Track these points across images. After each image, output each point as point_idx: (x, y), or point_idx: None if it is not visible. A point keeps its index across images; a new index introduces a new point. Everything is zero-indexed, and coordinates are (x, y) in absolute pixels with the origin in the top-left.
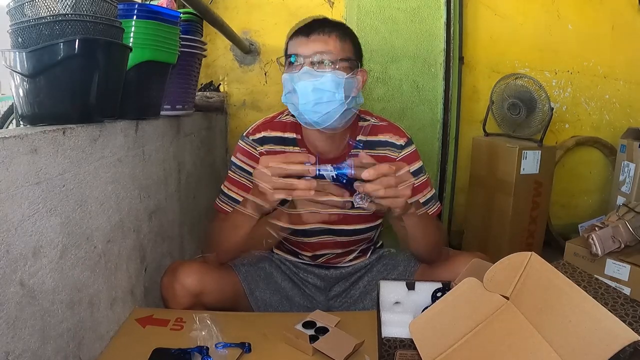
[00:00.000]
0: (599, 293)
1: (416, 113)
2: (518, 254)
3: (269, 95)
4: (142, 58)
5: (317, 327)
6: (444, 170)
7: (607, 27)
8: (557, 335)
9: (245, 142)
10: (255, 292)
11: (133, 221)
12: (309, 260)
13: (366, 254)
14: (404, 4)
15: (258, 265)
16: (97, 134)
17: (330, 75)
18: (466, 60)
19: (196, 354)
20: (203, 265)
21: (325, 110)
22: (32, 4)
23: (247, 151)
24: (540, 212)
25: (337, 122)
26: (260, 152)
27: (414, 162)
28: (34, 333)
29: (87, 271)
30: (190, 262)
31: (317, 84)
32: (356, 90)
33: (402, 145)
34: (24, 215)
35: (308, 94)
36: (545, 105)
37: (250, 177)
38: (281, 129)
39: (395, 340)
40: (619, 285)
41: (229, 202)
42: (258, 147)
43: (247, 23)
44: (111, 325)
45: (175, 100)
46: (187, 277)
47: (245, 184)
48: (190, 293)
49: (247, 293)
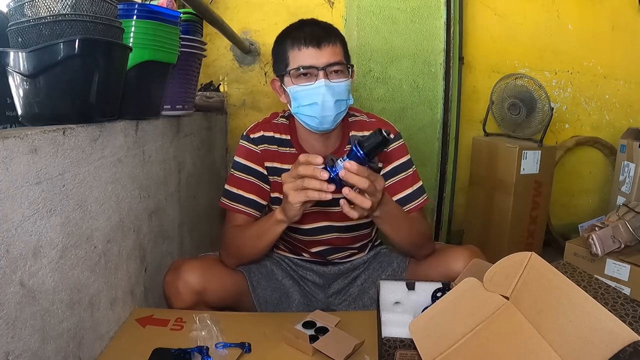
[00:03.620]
0: (599, 293)
1: (416, 113)
2: (518, 254)
3: (269, 95)
4: (142, 58)
5: (317, 327)
6: (444, 170)
7: (607, 27)
8: (557, 335)
9: (246, 141)
10: (258, 290)
11: (133, 221)
12: (308, 257)
13: (364, 251)
14: (404, 4)
15: (260, 263)
16: (97, 134)
17: (345, 84)
18: (466, 60)
19: (196, 354)
20: (206, 263)
21: (341, 117)
22: (32, 4)
23: (248, 149)
24: (540, 212)
25: (339, 122)
26: (261, 150)
27: (402, 156)
28: (34, 333)
29: (87, 271)
30: (193, 260)
31: (336, 94)
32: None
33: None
34: (24, 215)
35: (331, 107)
36: (545, 105)
37: (253, 175)
38: (276, 130)
39: (395, 340)
40: (619, 285)
41: (237, 201)
42: (258, 145)
43: (247, 23)
44: (111, 325)
45: (175, 100)
46: (190, 274)
47: (250, 182)
48: (193, 291)
49: (251, 290)
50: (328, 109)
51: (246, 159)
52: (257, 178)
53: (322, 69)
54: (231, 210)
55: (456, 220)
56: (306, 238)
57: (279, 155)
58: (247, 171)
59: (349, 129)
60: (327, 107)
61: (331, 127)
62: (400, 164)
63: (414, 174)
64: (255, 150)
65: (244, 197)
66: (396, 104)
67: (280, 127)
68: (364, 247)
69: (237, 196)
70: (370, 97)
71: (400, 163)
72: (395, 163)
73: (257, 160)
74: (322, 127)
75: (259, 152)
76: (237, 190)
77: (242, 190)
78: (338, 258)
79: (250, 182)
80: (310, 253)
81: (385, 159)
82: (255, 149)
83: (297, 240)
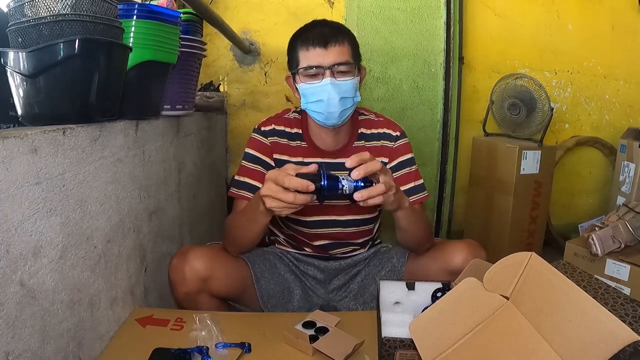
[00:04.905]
0: (599, 293)
1: (416, 113)
2: (518, 254)
3: (269, 95)
4: (142, 58)
5: (317, 327)
6: (444, 170)
7: (607, 27)
8: (557, 335)
9: (258, 134)
10: (261, 281)
11: (133, 221)
12: (310, 252)
13: (365, 247)
14: (404, 4)
15: (264, 256)
16: (97, 134)
17: (350, 82)
18: (466, 60)
19: (196, 354)
20: (213, 251)
21: (347, 113)
22: (32, 4)
23: (259, 141)
24: (540, 212)
25: (347, 119)
26: (271, 142)
27: (407, 153)
28: (34, 333)
29: (87, 271)
30: (201, 246)
31: (342, 92)
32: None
33: (397, 137)
34: (24, 215)
35: (336, 104)
36: (545, 105)
37: (261, 165)
38: (287, 124)
39: (395, 340)
40: (619, 285)
41: (244, 188)
42: (269, 137)
43: (247, 23)
44: (111, 325)
45: (175, 100)
46: (197, 260)
47: (259, 171)
48: (199, 277)
49: (255, 281)
50: (333, 106)
51: (256, 150)
52: (265, 168)
53: (328, 68)
54: (238, 198)
55: (456, 220)
56: (309, 231)
57: (288, 149)
58: (256, 161)
59: (358, 126)
60: (332, 104)
61: (337, 122)
62: (405, 160)
63: (416, 171)
64: (265, 142)
65: (251, 185)
66: (396, 104)
67: (292, 121)
68: (366, 244)
69: (245, 184)
70: (370, 97)
71: (405, 159)
72: (400, 158)
73: (266, 152)
74: (328, 122)
75: (268, 144)
76: (244, 178)
77: (250, 178)
78: (340, 253)
79: (258, 172)
80: (313, 247)
81: (391, 154)
82: (265, 141)
83: (299, 233)
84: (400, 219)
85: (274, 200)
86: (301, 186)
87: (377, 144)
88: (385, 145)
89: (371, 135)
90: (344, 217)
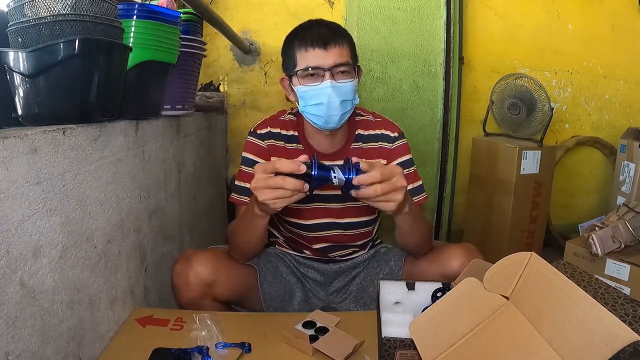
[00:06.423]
0: (599, 293)
1: (416, 113)
2: (518, 254)
3: (269, 95)
4: (142, 58)
5: (317, 327)
6: (444, 170)
7: (607, 27)
8: (557, 335)
9: (254, 137)
10: (264, 285)
11: (133, 221)
12: (310, 254)
13: (365, 249)
14: (404, 4)
15: (267, 259)
16: (97, 134)
17: (350, 84)
18: (466, 60)
19: (196, 354)
20: (217, 255)
21: (346, 116)
22: (32, 4)
23: (256, 145)
24: (540, 212)
25: (345, 121)
26: (267, 145)
27: (405, 154)
28: (34, 333)
29: (87, 271)
30: (204, 251)
31: (342, 94)
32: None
33: (395, 137)
34: (24, 215)
35: (336, 107)
36: (545, 105)
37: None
38: (283, 126)
39: (395, 340)
40: (619, 285)
41: (245, 193)
42: (265, 140)
43: (247, 23)
44: (111, 325)
45: (175, 100)
46: (201, 265)
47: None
48: (204, 282)
49: (259, 285)
50: (333, 109)
51: (253, 154)
52: None
53: (328, 70)
54: (240, 204)
55: (456, 220)
56: (308, 234)
57: (285, 151)
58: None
59: (355, 127)
60: (332, 107)
61: (337, 126)
62: (403, 161)
63: (415, 173)
64: (262, 145)
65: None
66: (396, 104)
67: (287, 123)
68: (365, 245)
69: (244, 189)
70: (370, 97)
71: (404, 160)
72: (398, 159)
73: (264, 155)
74: (328, 126)
75: (265, 147)
76: (244, 183)
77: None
78: (339, 255)
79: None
80: (312, 250)
81: (389, 156)
82: (261, 144)
83: (298, 236)
84: (402, 223)
85: (264, 190)
86: (292, 168)
87: (375, 145)
88: (383, 146)
89: (368, 136)
90: (343, 220)
